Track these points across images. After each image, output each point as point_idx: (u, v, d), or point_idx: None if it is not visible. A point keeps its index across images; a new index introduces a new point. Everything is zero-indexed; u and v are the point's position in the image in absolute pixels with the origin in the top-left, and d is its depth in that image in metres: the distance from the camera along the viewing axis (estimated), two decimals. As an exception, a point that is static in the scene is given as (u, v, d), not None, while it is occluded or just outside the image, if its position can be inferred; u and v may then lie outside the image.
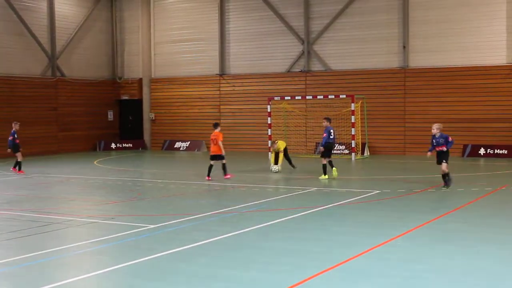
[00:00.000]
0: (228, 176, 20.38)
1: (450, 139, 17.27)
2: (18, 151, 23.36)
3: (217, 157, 20.33)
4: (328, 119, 21.00)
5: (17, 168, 23.40)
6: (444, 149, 17.17)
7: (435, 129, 17.50)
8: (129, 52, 37.90)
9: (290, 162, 23.18)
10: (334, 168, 20.39)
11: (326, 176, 20.18)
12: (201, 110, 35.58)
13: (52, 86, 34.41)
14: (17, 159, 23.44)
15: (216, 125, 20.65)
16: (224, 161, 20.38)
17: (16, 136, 23.45)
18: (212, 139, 20.44)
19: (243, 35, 34.29)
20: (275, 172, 22.24)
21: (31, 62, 33.40)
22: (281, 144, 23.03)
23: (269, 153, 24.73)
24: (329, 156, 20.50)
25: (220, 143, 20.19)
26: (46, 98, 34.10)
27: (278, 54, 33.34)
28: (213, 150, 20.43)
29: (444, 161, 17.21)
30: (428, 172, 22.21)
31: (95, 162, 28.29)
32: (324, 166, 20.31)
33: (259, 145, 32.44)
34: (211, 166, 20.41)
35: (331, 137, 20.41)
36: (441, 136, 17.33)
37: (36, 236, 11.93)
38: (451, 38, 29.23)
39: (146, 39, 37.16)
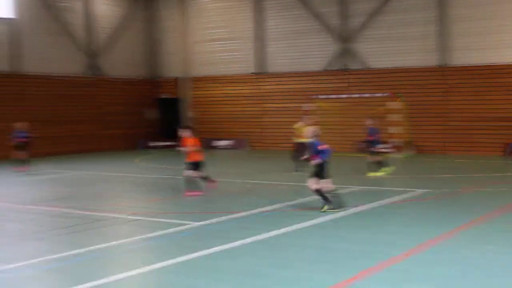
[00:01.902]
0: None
1: (320, 147, 13.67)
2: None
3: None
4: (372, 118, 21.17)
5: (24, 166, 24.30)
6: (318, 161, 13.67)
7: (310, 133, 14.24)
8: (167, 51, 38.25)
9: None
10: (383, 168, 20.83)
11: (381, 173, 20.40)
12: (240, 109, 35.68)
13: (92, 85, 34.95)
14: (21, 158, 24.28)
15: (187, 129, 17.54)
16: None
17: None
18: (192, 144, 17.15)
19: (280, 33, 34.27)
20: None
21: (72, 61, 33.99)
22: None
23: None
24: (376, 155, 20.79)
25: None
26: (86, 97, 34.66)
27: (315, 53, 33.25)
28: (198, 157, 17.17)
29: (316, 176, 13.74)
30: (471, 171, 22.00)
31: (136, 160, 28.61)
32: (378, 163, 20.66)
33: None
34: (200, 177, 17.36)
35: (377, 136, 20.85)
36: (311, 145, 13.97)
37: (82, 233, 12.19)
38: (492, 36, 28.75)
39: (183, 38, 37.43)
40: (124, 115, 36.50)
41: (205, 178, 17.39)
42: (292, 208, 14.35)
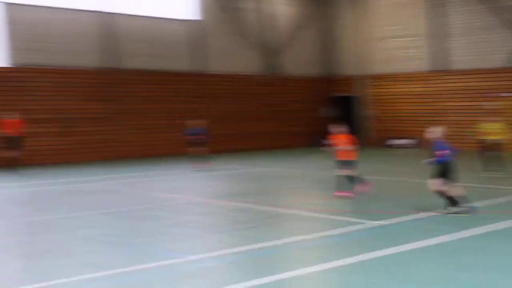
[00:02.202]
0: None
1: (438, 152, 13.19)
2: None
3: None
4: None
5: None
6: (427, 161, 13.48)
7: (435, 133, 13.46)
8: (343, 48, 38.12)
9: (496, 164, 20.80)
10: None
11: None
12: (417, 107, 34.66)
13: (270, 83, 35.77)
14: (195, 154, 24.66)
15: (342, 126, 16.72)
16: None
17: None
18: (345, 142, 16.48)
19: (458, 29, 32.63)
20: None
21: (250, 60, 35.06)
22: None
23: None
24: None
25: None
26: (264, 95, 35.54)
27: (497, 49, 31.24)
28: (350, 155, 16.54)
29: (439, 177, 13.24)
30: None
31: (316, 158, 28.73)
32: None
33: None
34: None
35: None
36: (434, 145, 13.38)
37: (261, 228, 12.43)
38: None
39: (358, 35, 37.11)
40: (300, 113, 36.92)
41: (355, 179, 16.41)
42: (477, 211, 13.55)
